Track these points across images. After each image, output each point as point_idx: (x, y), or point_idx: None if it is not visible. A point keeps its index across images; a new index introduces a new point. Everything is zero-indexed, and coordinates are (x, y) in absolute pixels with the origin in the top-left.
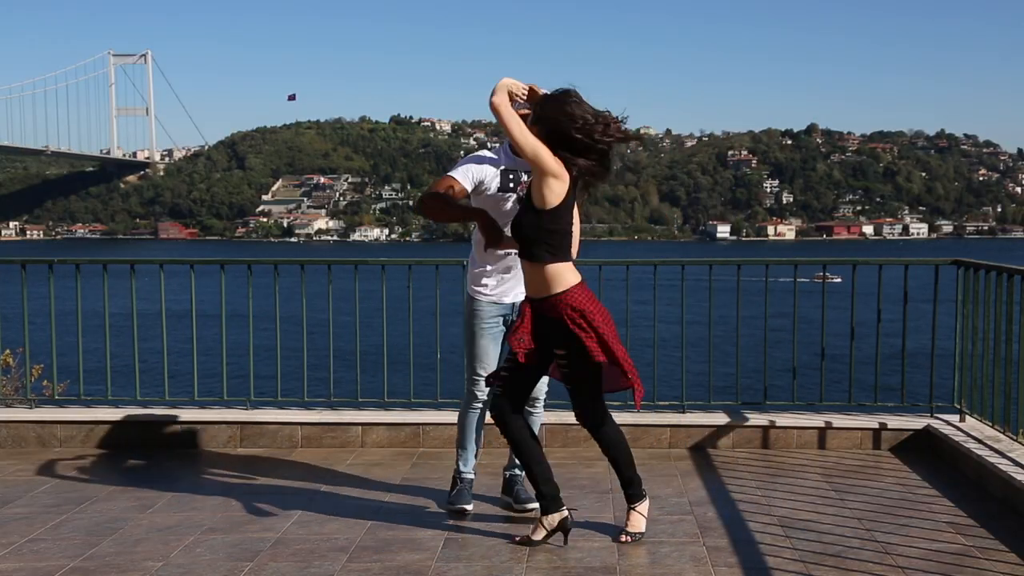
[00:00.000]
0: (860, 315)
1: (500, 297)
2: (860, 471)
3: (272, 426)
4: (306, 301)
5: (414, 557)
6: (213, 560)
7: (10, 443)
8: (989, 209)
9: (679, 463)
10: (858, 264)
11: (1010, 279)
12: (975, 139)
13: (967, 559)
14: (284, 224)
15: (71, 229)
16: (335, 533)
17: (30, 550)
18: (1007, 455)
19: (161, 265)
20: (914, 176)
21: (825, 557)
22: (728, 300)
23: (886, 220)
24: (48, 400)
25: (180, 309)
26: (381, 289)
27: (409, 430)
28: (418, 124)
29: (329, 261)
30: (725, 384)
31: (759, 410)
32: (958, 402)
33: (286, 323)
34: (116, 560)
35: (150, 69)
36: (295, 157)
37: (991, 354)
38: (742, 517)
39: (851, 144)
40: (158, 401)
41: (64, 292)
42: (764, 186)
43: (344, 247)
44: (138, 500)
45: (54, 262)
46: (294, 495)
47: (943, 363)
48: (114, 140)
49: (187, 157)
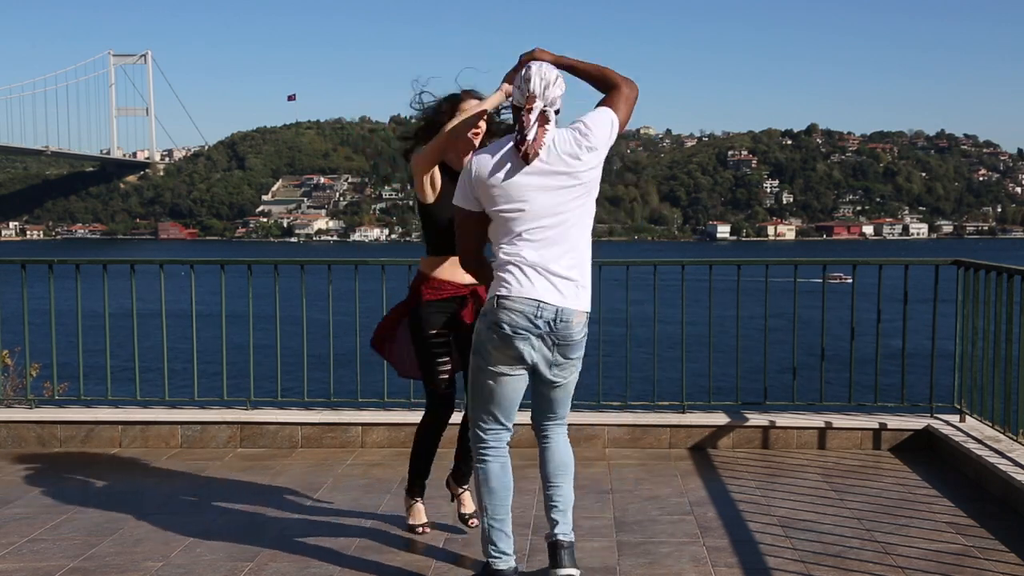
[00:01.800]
0: (860, 315)
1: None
2: (860, 471)
3: (272, 426)
4: (306, 301)
5: (414, 557)
6: (213, 560)
7: (10, 443)
8: (989, 209)
9: (679, 463)
10: (858, 264)
11: (1010, 279)
12: (975, 139)
13: (967, 559)
14: (284, 224)
15: (71, 229)
16: (335, 533)
17: (30, 550)
18: (1007, 455)
19: (161, 265)
20: (914, 176)
21: (825, 557)
22: (728, 300)
23: (886, 220)
24: (48, 400)
25: (180, 309)
26: (381, 289)
27: (409, 430)
28: None
29: (329, 261)
30: (725, 384)
31: (759, 410)
32: (958, 402)
33: (286, 323)
34: (116, 560)
35: (150, 69)
36: (295, 157)
37: (991, 354)
38: (742, 517)
39: (851, 144)
40: (158, 401)
41: (64, 292)
42: (764, 186)
43: (344, 247)
44: (138, 500)
45: (54, 262)
46: (294, 495)
47: (943, 363)
48: (114, 140)
49: (187, 157)
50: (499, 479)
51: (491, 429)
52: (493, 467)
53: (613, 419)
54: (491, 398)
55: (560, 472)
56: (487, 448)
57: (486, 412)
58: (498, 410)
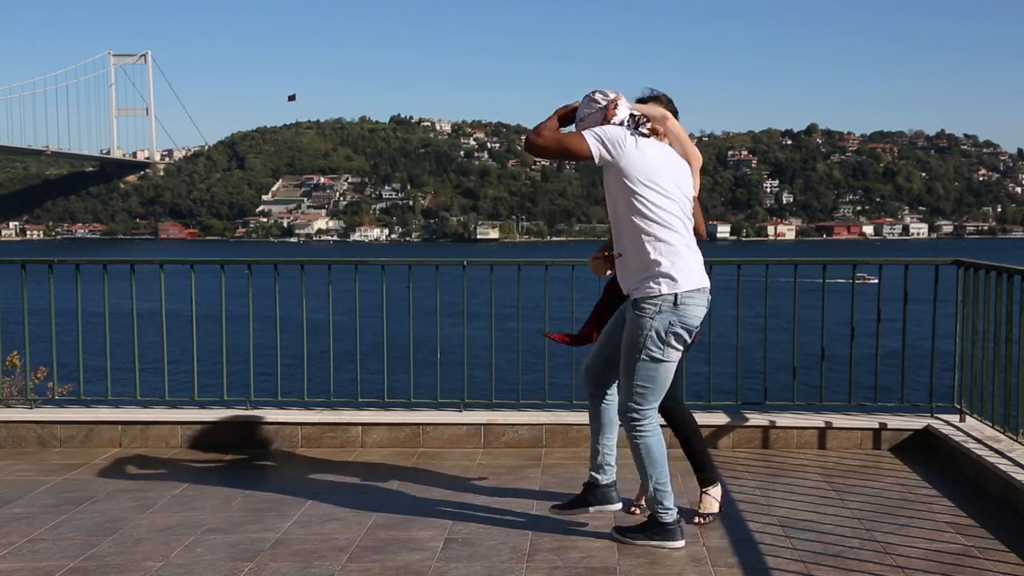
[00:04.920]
0: (860, 315)
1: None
2: (860, 471)
3: (272, 426)
4: (306, 301)
5: (414, 557)
6: (213, 560)
7: (10, 443)
8: (989, 209)
9: (679, 463)
10: (858, 264)
11: (1010, 279)
12: (975, 139)
13: (967, 559)
14: (284, 224)
15: (71, 229)
16: (335, 533)
17: (30, 550)
18: (1007, 455)
19: (161, 265)
20: (914, 176)
21: (825, 557)
22: (728, 300)
23: (886, 220)
24: (48, 400)
25: (180, 309)
26: (381, 289)
27: (409, 430)
28: (418, 124)
29: (329, 261)
30: (725, 384)
31: (759, 410)
32: (958, 402)
33: (286, 323)
34: (116, 560)
35: (150, 69)
36: (295, 157)
37: (991, 354)
38: (742, 517)
39: (851, 144)
40: (158, 401)
41: (64, 292)
42: (764, 186)
43: (344, 247)
44: (138, 500)
45: (54, 262)
46: (294, 495)
47: (943, 363)
48: (114, 140)
49: (187, 157)
50: (660, 449)
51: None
52: (653, 440)
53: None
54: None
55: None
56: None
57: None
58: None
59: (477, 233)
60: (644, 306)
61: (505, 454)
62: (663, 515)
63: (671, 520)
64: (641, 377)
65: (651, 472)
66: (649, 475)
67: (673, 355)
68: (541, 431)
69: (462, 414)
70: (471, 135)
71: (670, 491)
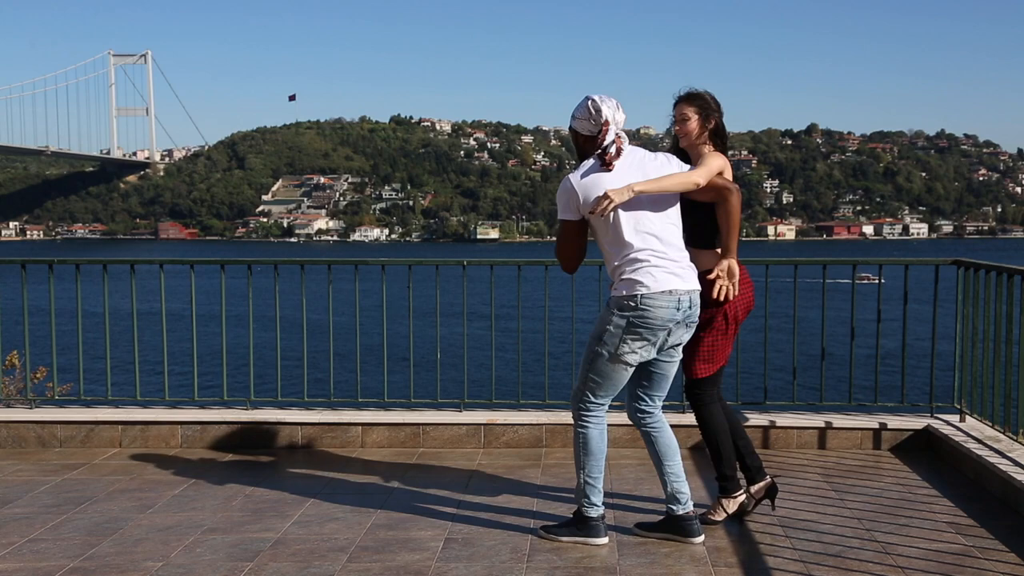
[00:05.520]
0: (860, 315)
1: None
2: (860, 471)
3: (272, 426)
4: (306, 301)
5: (414, 557)
6: (213, 560)
7: (10, 443)
8: (989, 209)
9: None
10: (858, 264)
11: (1010, 279)
12: (975, 139)
13: (967, 559)
14: (284, 224)
15: (71, 229)
16: (335, 533)
17: (30, 550)
18: (1007, 455)
19: (161, 265)
20: (914, 176)
21: (825, 557)
22: None
23: (886, 220)
24: (48, 400)
25: (180, 309)
26: (381, 289)
27: (409, 430)
28: (418, 124)
29: (329, 261)
30: (725, 384)
31: (759, 410)
32: (958, 402)
33: (286, 323)
34: (116, 560)
35: (150, 69)
36: (295, 157)
37: (991, 354)
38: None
39: (851, 144)
40: (158, 401)
41: (64, 292)
42: (764, 186)
43: (344, 247)
44: (138, 500)
45: (54, 262)
46: (294, 495)
47: (943, 363)
48: (114, 140)
49: (187, 157)
50: (599, 443)
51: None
52: (594, 432)
53: (613, 419)
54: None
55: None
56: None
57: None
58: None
59: (477, 233)
60: (611, 304)
61: (505, 454)
62: (588, 510)
63: (595, 516)
64: (595, 370)
65: (585, 464)
66: (583, 466)
67: (629, 357)
68: (541, 431)
69: (462, 414)
70: (471, 135)
71: (600, 488)
